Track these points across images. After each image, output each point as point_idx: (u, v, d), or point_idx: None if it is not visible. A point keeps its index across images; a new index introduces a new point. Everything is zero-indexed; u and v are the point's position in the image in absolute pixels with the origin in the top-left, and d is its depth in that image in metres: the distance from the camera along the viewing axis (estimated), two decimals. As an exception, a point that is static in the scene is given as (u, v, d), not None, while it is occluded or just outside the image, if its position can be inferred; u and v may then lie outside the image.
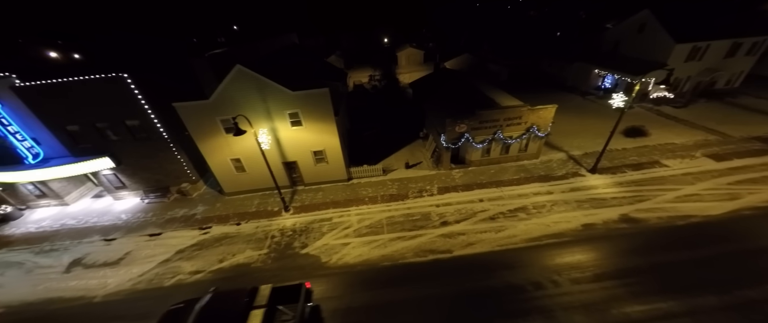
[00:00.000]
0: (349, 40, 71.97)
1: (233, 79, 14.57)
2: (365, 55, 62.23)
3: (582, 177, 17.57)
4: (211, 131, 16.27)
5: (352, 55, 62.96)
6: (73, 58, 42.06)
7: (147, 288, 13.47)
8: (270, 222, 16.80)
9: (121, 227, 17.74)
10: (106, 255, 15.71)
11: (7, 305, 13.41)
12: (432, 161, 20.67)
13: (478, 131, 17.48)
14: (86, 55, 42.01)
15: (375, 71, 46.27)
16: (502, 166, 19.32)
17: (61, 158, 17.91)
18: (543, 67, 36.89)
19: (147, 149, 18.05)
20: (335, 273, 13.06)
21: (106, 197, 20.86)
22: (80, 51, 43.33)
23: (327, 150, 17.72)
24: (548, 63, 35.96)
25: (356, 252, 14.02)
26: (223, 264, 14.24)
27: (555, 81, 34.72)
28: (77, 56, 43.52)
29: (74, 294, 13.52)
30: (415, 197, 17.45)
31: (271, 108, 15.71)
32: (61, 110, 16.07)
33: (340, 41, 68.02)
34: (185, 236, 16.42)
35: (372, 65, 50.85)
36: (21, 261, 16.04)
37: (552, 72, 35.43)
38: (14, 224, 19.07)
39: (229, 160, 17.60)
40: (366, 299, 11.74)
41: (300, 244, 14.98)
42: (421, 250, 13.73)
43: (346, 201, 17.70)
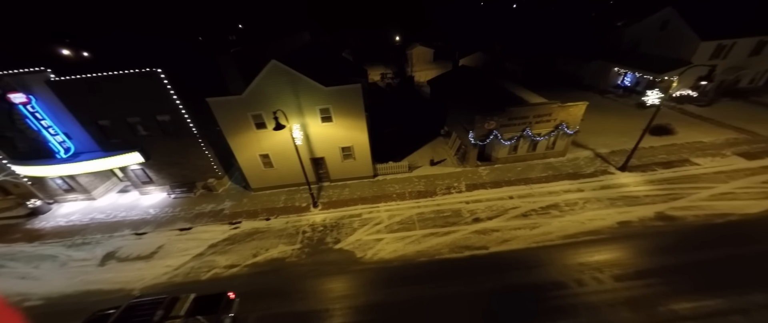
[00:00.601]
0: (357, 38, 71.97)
1: (267, 74, 14.61)
2: (375, 54, 62.19)
3: (612, 175, 17.46)
4: (242, 126, 16.33)
5: (361, 53, 62.97)
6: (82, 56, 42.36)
7: (184, 281, 13.57)
8: (299, 218, 16.85)
9: (150, 221, 17.87)
10: (139, 249, 15.83)
11: (45, 297, 13.56)
12: (456, 159, 20.63)
13: (506, 128, 17.41)
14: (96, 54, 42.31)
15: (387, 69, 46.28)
16: (529, 163, 19.24)
17: (91, 153, 18.05)
18: (558, 65, 36.67)
19: (176, 145, 18.14)
20: (371, 269, 13.08)
21: (132, 192, 21.01)
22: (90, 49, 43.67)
23: (355, 146, 17.73)
24: (564, 61, 35.74)
25: (391, 248, 14.04)
26: (257, 259, 14.31)
27: (571, 79, 34.51)
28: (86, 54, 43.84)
29: (112, 287, 13.65)
30: (443, 193, 17.43)
31: (302, 104, 15.74)
32: (93, 104, 16.17)
33: (347, 40, 68.05)
34: (216, 231, 16.51)
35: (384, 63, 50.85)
36: (54, 254, 16.21)
37: (568, 70, 35.21)
38: (43, 218, 19.25)
39: (258, 156, 17.66)
40: (406, 294, 11.74)
41: (332, 239, 15.02)
42: (457, 246, 13.73)
43: (374, 198, 17.71)
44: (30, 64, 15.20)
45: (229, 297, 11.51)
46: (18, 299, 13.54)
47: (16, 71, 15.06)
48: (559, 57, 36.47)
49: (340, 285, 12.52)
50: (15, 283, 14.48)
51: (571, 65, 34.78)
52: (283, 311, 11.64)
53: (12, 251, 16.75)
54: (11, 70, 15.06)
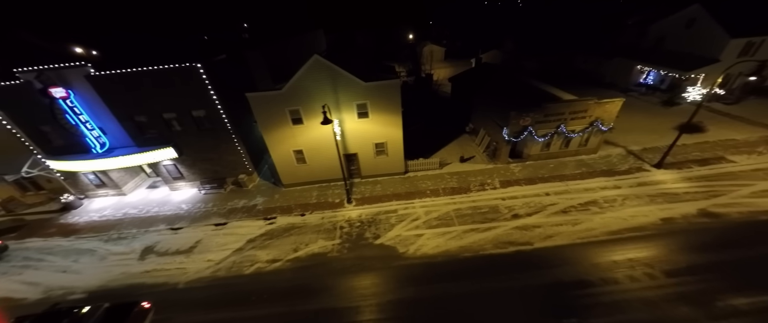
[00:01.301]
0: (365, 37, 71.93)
1: (309, 70, 14.61)
2: (384, 53, 62.10)
3: (647, 172, 17.35)
4: (279, 121, 16.34)
5: (370, 52, 62.85)
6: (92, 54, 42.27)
7: (227, 275, 13.60)
8: (335, 213, 16.85)
9: (184, 216, 17.92)
10: (177, 243, 15.88)
11: (89, 290, 13.62)
12: (486, 155, 20.58)
13: (541, 124, 17.35)
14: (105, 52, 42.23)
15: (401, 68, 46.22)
16: (561, 160, 19.16)
17: (124, 148, 18.12)
18: (577, 63, 36.50)
19: (209, 140, 18.19)
20: (416, 264, 13.07)
21: (161, 188, 21.09)
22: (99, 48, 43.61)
23: (389, 143, 17.72)
24: (583, 59, 35.58)
25: (433, 243, 14.02)
26: (298, 254, 14.31)
27: (591, 77, 34.32)
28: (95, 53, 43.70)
29: (156, 281, 13.69)
30: (477, 190, 17.38)
31: (340, 99, 15.73)
32: (131, 99, 16.24)
33: (355, 39, 68.03)
34: (252, 226, 16.54)
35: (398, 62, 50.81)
36: (92, 248, 16.29)
37: (587, 68, 35.04)
38: (76, 213, 19.35)
39: (292, 151, 17.68)
40: (456, 289, 11.70)
41: (371, 235, 15.02)
42: (500, 242, 13.68)
43: (408, 194, 17.70)
44: (70, 59, 15.28)
45: (144, 307, 11.46)
46: (61, 292, 13.63)
47: (57, 66, 15.14)
48: (577, 55, 36.29)
49: (386, 280, 12.51)
50: (56, 277, 14.57)
51: (590, 63, 34.61)
52: (332, 306, 11.65)
53: (49, 245, 16.85)
54: (52, 64, 15.16)
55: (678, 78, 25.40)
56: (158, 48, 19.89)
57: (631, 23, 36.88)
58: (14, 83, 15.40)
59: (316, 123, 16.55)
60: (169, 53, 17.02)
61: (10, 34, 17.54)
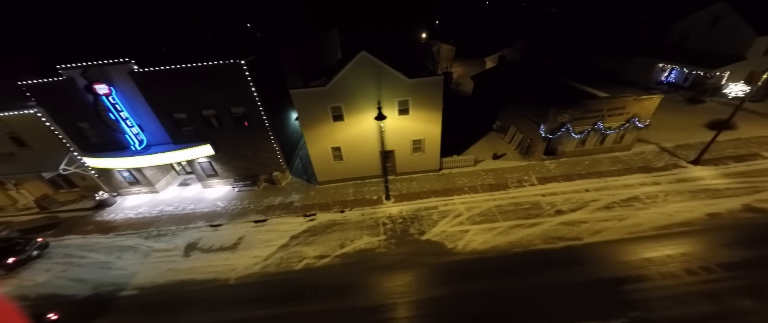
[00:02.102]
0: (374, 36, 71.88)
1: (355, 66, 14.64)
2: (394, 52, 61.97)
3: (684, 169, 17.44)
4: (320, 118, 16.37)
5: (380, 51, 62.86)
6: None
7: (277, 271, 13.63)
8: (374, 210, 16.89)
9: (221, 213, 17.94)
10: (219, 240, 15.90)
11: (139, 287, 13.64)
12: (518, 153, 20.65)
13: (579, 121, 17.42)
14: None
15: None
16: (595, 157, 19.24)
17: (161, 146, 18.12)
18: (594, 61, 36.55)
19: (246, 138, 18.20)
20: (468, 259, 13.12)
21: (193, 185, 21.10)
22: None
23: (426, 140, 17.76)
24: (601, 57, 35.64)
25: (480, 239, 14.07)
26: (345, 250, 14.35)
27: (610, 76, 34.33)
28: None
29: (205, 277, 13.71)
30: (515, 187, 17.44)
31: (383, 96, 15.75)
32: (171, 96, 16.23)
33: (363, 38, 67.99)
34: (293, 223, 16.57)
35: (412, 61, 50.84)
36: (133, 245, 16.30)
37: (606, 67, 35.09)
38: (110, 211, 19.35)
39: (330, 148, 17.71)
40: (512, 283, 11.75)
41: (416, 231, 15.06)
42: (548, 237, 13.75)
43: (445, 190, 17.75)
44: (114, 56, 15.27)
45: (50, 319, 11.23)
46: (111, 289, 13.65)
47: (102, 62, 15.14)
48: (594, 53, 36.34)
49: (439, 275, 12.55)
50: (102, 273, 14.58)
51: (608, 62, 34.67)
52: (388, 301, 11.70)
53: (89, 242, 16.86)
54: (97, 61, 15.15)
55: (702, 76, 25.49)
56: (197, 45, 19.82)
57: (643, 21, 37.03)
58: (57, 79, 15.41)
59: (356, 120, 16.62)
60: (211, 51, 17.00)
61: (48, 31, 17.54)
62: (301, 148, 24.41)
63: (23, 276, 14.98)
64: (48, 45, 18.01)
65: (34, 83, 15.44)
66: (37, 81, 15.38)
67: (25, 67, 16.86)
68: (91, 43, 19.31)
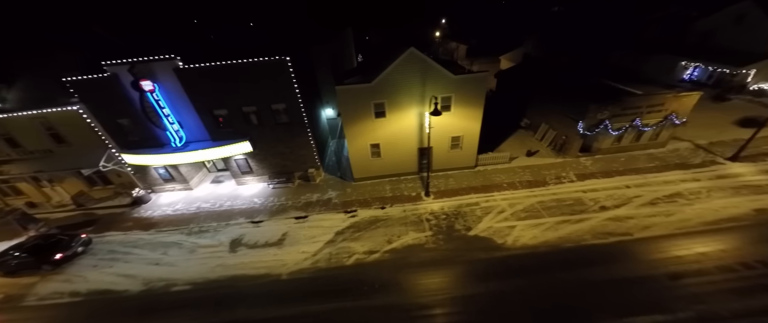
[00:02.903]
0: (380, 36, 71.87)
1: (403, 62, 14.68)
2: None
3: (723, 165, 17.53)
4: (362, 114, 16.41)
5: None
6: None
7: (328, 266, 13.67)
8: (415, 206, 16.95)
9: (260, 210, 17.97)
10: (263, 236, 15.94)
11: (191, 282, 13.68)
12: (551, 149, 20.73)
13: (617, 118, 17.50)
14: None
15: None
16: (630, 154, 19.33)
17: (199, 143, 18.14)
18: (612, 59, 36.64)
19: (284, 134, 18.25)
20: (520, 254, 13.16)
21: (225, 183, 21.13)
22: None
23: (465, 136, 17.81)
24: (620, 55, 35.73)
25: (529, 234, 14.14)
26: (394, 245, 14.40)
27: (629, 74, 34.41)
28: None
29: (256, 272, 13.75)
30: (554, 183, 17.52)
31: (426, 92, 15.80)
32: (214, 93, 16.26)
33: (370, 37, 68.01)
34: (335, 219, 16.62)
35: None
36: (176, 241, 16.32)
37: (624, 64, 35.19)
38: (146, 208, 19.37)
39: (369, 145, 17.75)
40: (570, 277, 11.80)
41: (462, 226, 15.13)
42: (598, 232, 13.82)
43: (484, 187, 17.81)
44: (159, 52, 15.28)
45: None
46: (163, 285, 13.68)
47: (148, 58, 15.15)
48: (612, 51, 36.43)
49: (494, 269, 12.57)
50: (151, 269, 14.60)
51: (627, 59, 34.77)
52: (449, 295, 11.76)
53: (130, 239, 16.88)
54: (142, 57, 15.16)
55: (728, 74, 25.61)
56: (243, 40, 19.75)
57: (653, 19, 37.15)
58: (101, 75, 15.41)
59: (397, 117, 16.67)
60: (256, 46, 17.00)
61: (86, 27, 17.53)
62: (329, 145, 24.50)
63: (70, 271, 15.01)
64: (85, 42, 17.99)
65: (79, 79, 15.45)
66: (81, 77, 15.39)
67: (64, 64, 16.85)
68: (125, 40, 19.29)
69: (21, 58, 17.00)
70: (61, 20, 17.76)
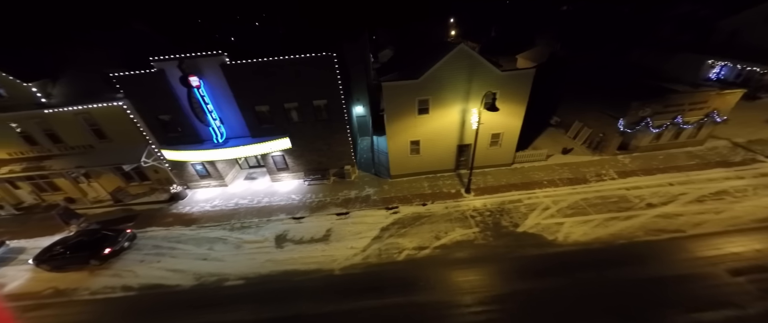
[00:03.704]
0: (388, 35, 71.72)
1: (452, 59, 14.68)
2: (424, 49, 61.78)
3: (764, 163, 17.44)
4: (406, 111, 16.41)
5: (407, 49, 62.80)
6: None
7: (380, 261, 13.68)
8: (457, 203, 16.95)
9: (300, 206, 18.01)
10: (307, 232, 15.97)
11: (242, 277, 13.72)
12: (585, 147, 20.70)
13: (659, 115, 17.45)
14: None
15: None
16: (669, 152, 19.28)
17: (237, 139, 18.19)
18: (632, 58, 36.50)
19: (323, 131, 18.28)
20: (574, 250, 13.12)
21: (259, 179, 21.19)
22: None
23: (505, 133, 17.79)
24: (640, 54, 35.59)
25: (579, 231, 14.11)
26: (443, 241, 14.40)
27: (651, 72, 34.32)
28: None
29: (308, 267, 13.78)
30: (596, 180, 17.49)
31: (472, 89, 15.79)
32: (257, 89, 16.30)
33: (379, 36, 67.91)
34: (377, 216, 16.63)
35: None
36: (220, 236, 16.38)
37: (644, 63, 35.05)
38: (184, 204, 19.44)
39: (409, 142, 17.76)
40: (634, 273, 11.77)
41: (509, 223, 15.11)
42: (649, 229, 13.78)
43: (524, 184, 17.80)
44: (207, 48, 15.33)
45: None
46: (214, 279, 13.73)
47: (197, 54, 15.19)
48: (632, 49, 36.29)
49: (551, 265, 12.52)
50: (199, 264, 14.66)
51: (649, 58, 34.63)
52: (511, 290, 11.76)
53: (173, 234, 16.95)
54: (190, 53, 15.21)
55: (759, 72, 25.46)
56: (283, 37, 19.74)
57: (666, 18, 36.95)
58: (148, 71, 15.47)
59: (440, 113, 16.67)
60: (302, 43, 17.00)
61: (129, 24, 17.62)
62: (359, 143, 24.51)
63: (117, 266, 15.09)
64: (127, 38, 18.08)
65: (126, 74, 15.52)
66: (129, 73, 15.46)
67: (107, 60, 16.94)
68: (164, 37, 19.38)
69: (65, 53, 17.10)
70: (105, 17, 17.81)
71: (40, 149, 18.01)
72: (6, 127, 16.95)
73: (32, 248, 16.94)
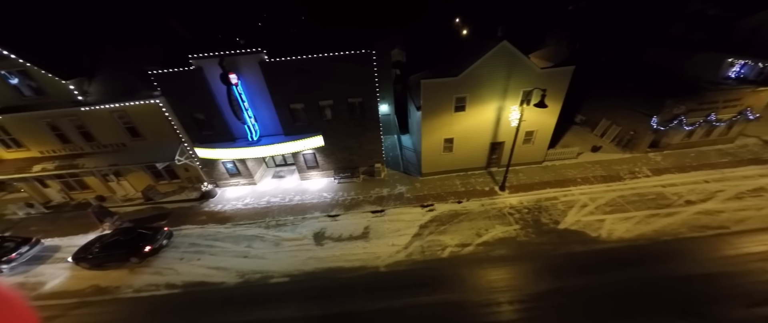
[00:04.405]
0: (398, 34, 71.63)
1: (493, 56, 14.69)
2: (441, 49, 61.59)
3: (798, 160, 17.57)
4: (443, 108, 16.42)
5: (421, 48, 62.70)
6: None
7: (424, 258, 13.68)
8: (493, 200, 16.96)
9: (333, 204, 18.00)
10: (345, 229, 15.96)
11: (287, 274, 13.69)
12: (614, 145, 20.74)
13: (693, 112, 17.50)
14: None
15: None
16: (700, 149, 19.34)
17: (270, 137, 18.18)
18: (649, 56, 36.57)
19: (356, 129, 18.27)
20: (621, 247, 13.13)
21: (287, 177, 21.17)
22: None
23: (538, 131, 17.82)
24: (657, 53, 35.67)
25: (622, 227, 14.14)
26: (484, 238, 14.40)
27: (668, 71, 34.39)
28: None
29: (352, 265, 13.77)
30: (630, 178, 17.52)
31: (510, 86, 15.81)
32: (294, 87, 16.28)
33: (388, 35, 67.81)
34: (413, 213, 16.64)
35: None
36: (257, 234, 16.35)
37: (663, 61, 35.12)
38: (214, 202, 19.40)
39: (443, 140, 17.78)
40: (685, 270, 11.80)
41: (549, 220, 15.13)
42: (692, 226, 13.81)
43: (557, 182, 17.81)
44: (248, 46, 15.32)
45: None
46: (258, 277, 13.70)
47: (237, 52, 15.18)
48: (648, 48, 36.36)
49: (601, 261, 12.53)
50: (242, 262, 14.62)
51: (666, 57, 34.71)
52: (563, 286, 11.78)
53: (208, 232, 16.92)
54: (230, 51, 15.20)
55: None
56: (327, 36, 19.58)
57: (676, 17, 37.03)
58: (187, 68, 15.45)
59: (476, 111, 16.69)
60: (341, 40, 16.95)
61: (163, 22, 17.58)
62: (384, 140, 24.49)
63: (157, 264, 15.04)
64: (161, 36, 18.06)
65: (164, 72, 15.49)
66: (167, 70, 15.44)
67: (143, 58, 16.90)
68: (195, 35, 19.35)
69: (101, 51, 17.07)
70: (141, 15, 17.78)
71: (72, 147, 17.98)
72: (41, 124, 16.93)
73: (66, 246, 16.95)
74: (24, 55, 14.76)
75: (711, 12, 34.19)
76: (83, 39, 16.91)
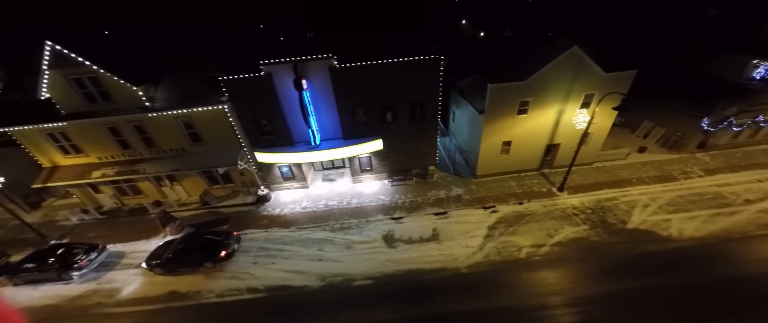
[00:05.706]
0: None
1: (563, 61, 15.04)
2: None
3: (843, 159, 18.22)
4: (505, 111, 16.75)
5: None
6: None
7: (502, 259, 13.97)
8: (554, 201, 17.33)
9: (393, 207, 18.21)
10: (413, 231, 16.18)
11: (368, 276, 13.87)
12: (659, 146, 21.26)
13: (743, 114, 18.05)
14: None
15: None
16: (745, 149, 19.93)
17: (328, 141, 18.34)
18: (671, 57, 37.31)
19: (414, 132, 18.51)
20: (695, 245, 13.56)
21: (338, 180, 21.33)
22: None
23: (594, 133, 18.18)
24: (679, 55, 36.41)
25: (690, 226, 14.59)
26: (557, 239, 14.75)
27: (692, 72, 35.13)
28: None
29: (432, 266, 14.00)
30: (684, 178, 18.02)
31: (573, 90, 16.19)
32: (359, 91, 16.48)
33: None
34: (477, 215, 16.94)
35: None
36: (325, 238, 16.50)
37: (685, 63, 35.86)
38: (269, 206, 19.51)
39: (501, 142, 18.11)
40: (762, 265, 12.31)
41: (615, 220, 15.52)
42: (759, 224, 14.29)
43: (613, 182, 18.24)
44: (319, 51, 15.47)
45: None
46: (340, 280, 13.86)
47: (309, 58, 15.33)
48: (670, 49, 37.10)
49: (679, 260, 12.94)
50: (318, 265, 14.76)
51: (688, 59, 35.45)
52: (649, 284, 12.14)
53: (274, 236, 17.02)
54: (302, 56, 15.34)
55: (807, 71, 26.30)
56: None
57: (690, 16, 37.90)
58: (257, 74, 15.56)
59: (537, 114, 17.05)
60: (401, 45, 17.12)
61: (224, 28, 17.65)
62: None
63: (231, 269, 15.13)
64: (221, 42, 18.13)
65: (233, 77, 15.59)
66: (237, 76, 15.54)
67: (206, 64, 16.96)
68: (248, 40, 19.43)
69: (165, 58, 17.11)
70: (204, 22, 17.83)
71: (131, 152, 17.97)
72: (103, 130, 16.91)
73: (130, 251, 16.94)
74: (98, 62, 14.78)
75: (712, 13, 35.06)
76: (148, 46, 16.95)
